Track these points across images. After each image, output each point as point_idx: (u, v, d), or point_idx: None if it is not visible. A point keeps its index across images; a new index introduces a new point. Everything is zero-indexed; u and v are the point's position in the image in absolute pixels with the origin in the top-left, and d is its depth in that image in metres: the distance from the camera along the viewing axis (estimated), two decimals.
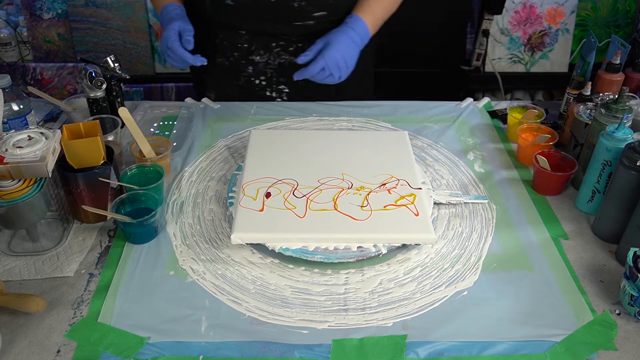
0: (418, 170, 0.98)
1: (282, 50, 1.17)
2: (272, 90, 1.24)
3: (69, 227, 0.88)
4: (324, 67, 1.03)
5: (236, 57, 1.19)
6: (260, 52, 1.17)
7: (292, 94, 1.25)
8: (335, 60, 1.03)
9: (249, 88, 1.23)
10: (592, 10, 1.92)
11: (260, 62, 1.19)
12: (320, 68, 1.03)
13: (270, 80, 1.22)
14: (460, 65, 2.00)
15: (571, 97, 1.10)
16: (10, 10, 2.03)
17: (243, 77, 1.22)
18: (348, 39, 1.05)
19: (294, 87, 1.23)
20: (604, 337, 0.71)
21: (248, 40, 1.16)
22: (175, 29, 1.04)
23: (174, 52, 1.03)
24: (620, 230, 0.83)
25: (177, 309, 0.75)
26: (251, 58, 1.18)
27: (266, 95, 1.25)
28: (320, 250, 0.81)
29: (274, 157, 0.98)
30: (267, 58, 1.18)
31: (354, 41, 1.06)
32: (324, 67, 1.03)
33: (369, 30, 1.08)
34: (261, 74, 1.21)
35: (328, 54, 1.03)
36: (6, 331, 0.70)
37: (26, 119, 1.00)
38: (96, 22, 1.94)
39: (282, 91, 1.24)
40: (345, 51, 1.04)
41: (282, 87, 1.24)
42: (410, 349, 0.69)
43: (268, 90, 1.24)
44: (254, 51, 1.17)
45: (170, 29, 1.04)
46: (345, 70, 1.06)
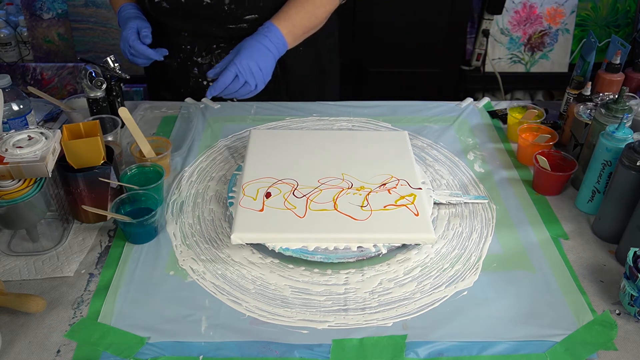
0: (418, 170, 0.98)
1: (223, 52, 1.16)
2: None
3: (69, 227, 0.88)
4: (237, 74, 0.95)
5: (182, 59, 1.19)
6: (202, 53, 1.18)
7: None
8: (248, 66, 0.96)
9: (199, 89, 1.24)
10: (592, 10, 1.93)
11: (203, 63, 1.19)
12: (233, 76, 0.95)
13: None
14: (460, 65, 2.00)
15: (571, 97, 1.10)
16: (10, 10, 2.03)
17: (191, 79, 1.23)
18: (261, 45, 0.99)
19: None
20: (604, 337, 0.71)
21: (190, 42, 1.17)
22: (133, 28, 1.08)
23: (136, 49, 1.06)
24: (620, 230, 0.83)
25: (177, 309, 0.75)
26: (195, 59, 1.19)
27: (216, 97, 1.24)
28: (320, 250, 0.81)
29: (274, 157, 0.98)
30: (209, 60, 1.19)
31: (267, 48, 0.98)
32: (237, 75, 0.95)
33: (285, 39, 1.01)
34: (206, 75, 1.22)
35: (239, 60, 0.96)
36: (6, 331, 0.70)
37: (26, 119, 1.00)
38: (96, 22, 1.94)
39: None
40: (258, 58, 0.97)
41: None
42: (410, 349, 0.69)
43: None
44: (197, 53, 1.18)
45: (128, 28, 1.08)
46: (262, 79, 0.98)
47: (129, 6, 1.13)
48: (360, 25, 1.93)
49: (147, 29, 1.08)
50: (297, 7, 1.02)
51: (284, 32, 1.00)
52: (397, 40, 1.95)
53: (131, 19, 1.10)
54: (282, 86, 1.24)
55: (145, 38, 1.07)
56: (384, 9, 1.89)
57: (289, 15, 1.02)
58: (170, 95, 1.28)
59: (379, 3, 1.88)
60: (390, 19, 1.92)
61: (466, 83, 2.00)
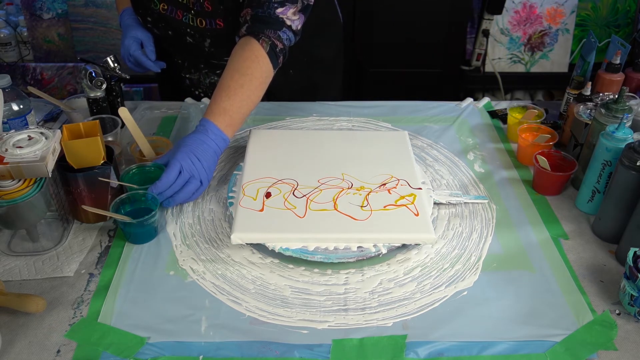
0: (418, 170, 0.98)
1: (210, 72, 1.20)
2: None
3: (69, 227, 0.88)
4: (180, 170, 0.86)
5: (174, 70, 1.22)
6: (191, 70, 1.21)
7: None
8: (191, 161, 0.87)
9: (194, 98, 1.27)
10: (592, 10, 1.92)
11: (193, 78, 1.23)
12: (177, 172, 0.85)
13: (207, 94, 1.25)
14: (460, 65, 2.00)
15: (571, 97, 1.10)
16: (10, 10, 2.03)
17: (185, 88, 1.26)
18: (201, 142, 0.89)
19: None
20: (604, 337, 0.71)
21: (181, 58, 1.20)
22: (135, 38, 1.10)
23: (136, 59, 1.10)
24: (620, 230, 0.83)
25: (177, 309, 0.75)
26: (184, 75, 1.23)
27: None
28: (320, 250, 0.81)
29: (274, 157, 0.98)
30: (197, 77, 1.22)
31: (208, 145, 0.89)
32: (181, 170, 0.86)
33: (224, 134, 0.91)
34: (197, 87, 1.25)
35: (181, 156, 0.86)
36: (6, 331, 0.70)
37: (26, 119, 1.00)
38: (96, 22, 1.94)
39: None
40: (200, 154, 0.88)
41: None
42: (410, 349, 0.69)
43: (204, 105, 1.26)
44: (186, 69, 1.21)
45: (130, 37, 1.10)
46: (205, 176, 0.89)
47: (132, 12, 1.14)
48: (360, 25, 1.93)
49: (151, 43, 1.12)
50: (231, 96, 0.92)
51: (222, 127, 0.91)
52: (397, 40, 1.95)
53: (134, 28, 1.12)
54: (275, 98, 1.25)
55: (151, 54, 1.11)
56: (384, 9, 1.89)
57: (224, 108, 0.92)
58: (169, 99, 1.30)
59: (379, 3, 1.88)
60: (390, 19, 1.91)
61: (466, 83, 2.00)
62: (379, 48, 1.98)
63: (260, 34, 0.95)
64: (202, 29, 1.06)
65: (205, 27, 1.05)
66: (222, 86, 0.93)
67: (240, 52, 0.95)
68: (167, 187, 0.85)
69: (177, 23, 1.07)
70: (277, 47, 0.96)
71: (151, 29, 1.12)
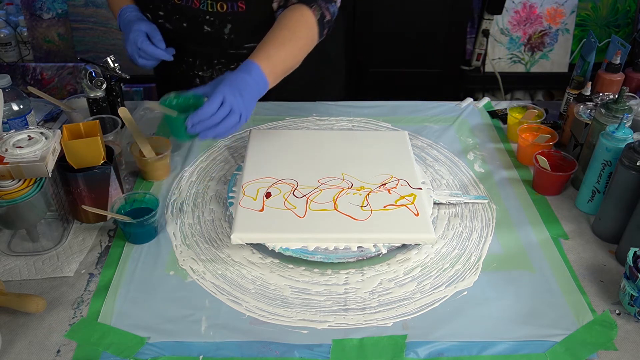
0: (418, 170, 0.98)
1: (223, 67, 1.17)
2: None
3: (69, 227, 0.88)
4: (223, 101, 0.85)
5: (184, 69, 1.20)
6: (203, 67, 1.18)
7: None
8: (233, 94, 0.86)
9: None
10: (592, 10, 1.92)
11: (205, 76, 1.20)
12: (219, 103, 0.85)
13: None
14: (460, 65, 2.00)
15: (571, 97, 1.10)
16: (10, 10, 2.03)
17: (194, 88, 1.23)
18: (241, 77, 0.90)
19: None
20: (604, 337, 0.71)
21: (192, 56, 1.17)
22: (141, 31, 1.05)
23: (145, 51, 1.04)
24: (620, 230, 0.83)
25: (177, 309, 0.75)
26: (196, 72, 1.20)
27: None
28: (320, 250, 0.81)
29: (274, 157, 0.98)
30: (210, 74, 1.19)
31: (248, 81, 0.90)
32: (223, 102, 0.85)
33: (265, 75, 0.92)
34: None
35: (222, 87, 0.86)
36: (6, 331, 0.70)
37: (26, 119, 1.00)
38: (96, 22, 1.94)
39: None
40: (242, 90, 0.88)
41: None
42: (410, 349, 0.69)
43: None
44: (198, 66, 1.18)
45: (134, 31, 1.04)
46: (246, 111, 0.89)
47: (131, 8, 1.11)
48: (361, 25, 1.93)
49: (158, 32, 1.06)
50: (278, 46, 0.95)
51: (266, 72, 0.92)
52: (397, 40, 1.95)
53: (136, 22, 1.07)
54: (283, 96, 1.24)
55: (160, 42, 1.05)
56: (384, 9, 1.89)
57: (269, 55, 0.94)
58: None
59: (379, 3, 1.88)
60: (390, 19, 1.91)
61: (466, 83, 2.00)
62: (379, 48, 1.98)
63: (313, 3, 0.98)
64: (222, 14, 1.05)
65: (226, 11, 1.04)
66: (269, 38, 0.96)
67: (290, 15, 0.98)
68: (208, 117, 0.84)
69: (194, 12, 1.05)
70: (325, 18, 0.99)
71: (163, 24, 1.10)
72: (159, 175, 0.99)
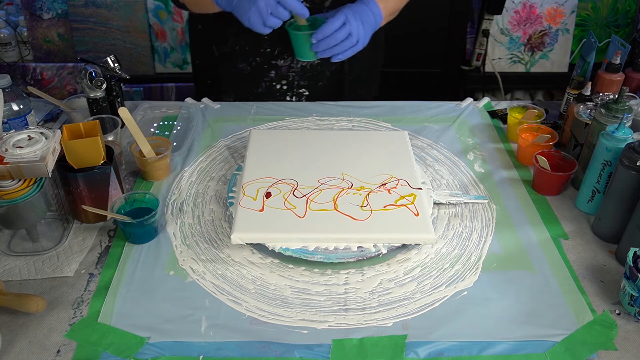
0: (418, 170, 0.98)
1: None
2: (292, 95, 1.24)
3: (69, 227, 0.88)
4: (345, 22, 0.93)
5: (258, 62, 1.18)
6: (284, 55, 1.17)
7: (311, 96, 1.25)
8: (355, 18, 0.94)
9: (269, 94, 1.24)
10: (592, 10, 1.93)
11: (283, 66, 1.18)
12: (340, 23, 0.93)
13: (291, 84, 1.22)
14: (460, 65, 2.00)
15: (571, 97, 1.10)
16: (10, 10, 2.03)
17: (264, 82, 1.22)
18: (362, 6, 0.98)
19: (313, 89, 1.24)
20: (604, 337, 0.71)
21: (271, 45, 1.16)
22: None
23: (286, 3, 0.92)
24: (620, 230, 0.83)
25: (177, 309, 0.75)
26: (274, 62, 1.18)
27: (285, 100, 1.25)
28: (320, 250, 0.81)
29: (274, 157, 0.98)
30: (290, 62, 1.18)
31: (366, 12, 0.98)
32: (345, 22, 0.93)
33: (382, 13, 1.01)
34: (283, 77, 1.21)
35: (345, 9, 0.95)
36: (6, 331, 0.70)
37: (26, 119, 1.00)
38: (96, 22, 1.94)
39: (302, 94, 1.25)
40: (362, 17, 0.96)
41: (302, 90, 1.24)
42: (410, 349, 0.69)
43: (289, 94, 1.24)
44: (277, 55, 1.17)
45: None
46: (363, 38, 0.97)
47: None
48: None
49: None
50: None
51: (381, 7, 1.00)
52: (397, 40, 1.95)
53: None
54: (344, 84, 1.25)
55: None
56: None
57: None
58: (233, 99, 1.27)
59: None
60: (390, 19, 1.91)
61: (466, 83, 2.00)
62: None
63: None
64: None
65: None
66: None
67: None
68: (330, 34, 0.90)
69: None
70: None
71: None
72: (159, 175, 0.99)
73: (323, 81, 1.21)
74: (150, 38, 1.96)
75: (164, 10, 1.93)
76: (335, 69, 1.23)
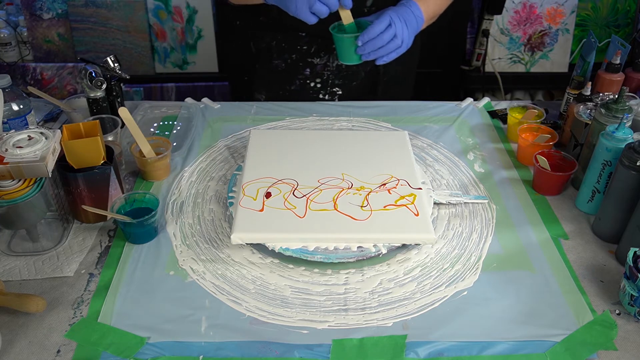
0: (418, 170, 0.98)
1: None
2: (325, 93, 1.25)
3: (69, 227, 0.88)
4: (391, 23, 0.93)
5: (294, 60, 1.19)
6: (320, 54, 1.17)
7: (344, 96, 1.26)
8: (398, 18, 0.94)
9: (303, 91, 1.24)
10: (592, 10, 1.92)
11: (318, 64, 1.19)
12: (387, 24, 0.92)
13: (325, 83, 1.23)
14: (460, 65, 2.00)
15: (571, 97, 1.10)
16: (10, 10, 2.03)
17: (298, 80, 1.23)
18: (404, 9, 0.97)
19: (347, 88, 1.24)
20: (604, 337, 0.71)
21: (308, 42, 1.16)
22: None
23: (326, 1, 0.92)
24: (620, 230, 0.83)
25: (177, 309, 0.75)
26: (310, 60, 1.19)
27: (319, 98, 1.25)
28: (320, 250, 0.81)
29: (274, 157, 0.98)
30: (326, 60, 1.18)
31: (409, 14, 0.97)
32: (391, 24, 0.93)
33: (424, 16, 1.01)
34: (318, 76, 1.22)
35: (390, 11, 0.94)
36: (6, 331, 0.70)
37: (26, 119, 1.00)
38: (96, 22, 1.94)
39: (336, 93, 1.25)
40: (405, 15, 0.96)
41: (336, 89, 1.24)
42: (410, 349, 0.69)
43: (322, 92, 1.25)
44: (314, 53, 1.17)
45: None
46: (407, 40, 0.97)
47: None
48: None
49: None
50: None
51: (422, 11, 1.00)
52: None
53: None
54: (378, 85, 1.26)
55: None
56: None
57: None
58: (265, 96, 1.28)
59: None
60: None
61: (466, 83, 2.00)
62: None
63: None
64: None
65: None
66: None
67: None
68: (376, 36, 0.91)
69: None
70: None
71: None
72: (159, 175, 0.99)
73: (357, 81, 1.22)
74: (150, 38, 1.96)
75: (164, 10, 1.93)
76: (370, 69, 1.23)
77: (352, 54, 0.96)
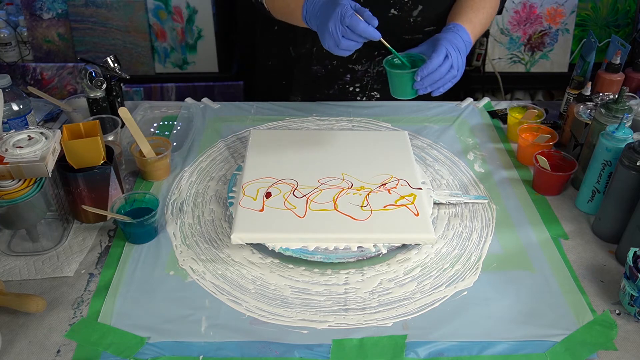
0: (418, 170, 0.98)
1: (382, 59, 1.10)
2: (363, 96, 1.25)
3: (69, 227, 0.88)
4: (447, 54, 0.90)
5: (334, 65, 1.19)
6: (362, 60, 1.17)
7: (381, 98, 1.26)
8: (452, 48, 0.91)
9: (341, 95, 1.24)
10: (592, 10, 1.92)
11: (359, 70, 1.19)
12: (444, 56, 0.89)
13: (364, 87, 1.23)
14: None
15: (571, 97, 1.10)
16: (10, 10, 2.02)
17: (337, 85, 1.22)
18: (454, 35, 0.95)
19: (385, 92, 1.24)
20: (604, 337, 0.71)
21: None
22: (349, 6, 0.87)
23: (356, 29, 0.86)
24: (620, 230, 0.83)
25: (177, 309, 0.75)
26: (351, 67, 1.18)
27: (356, 100, 1.26)
28: (320, 250, 0.81)
29: (274, 157, 0.98)
30: (367, 66, 1.18)
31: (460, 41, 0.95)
32: (447, 55, 0.90)
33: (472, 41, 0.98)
34: (357, 81, 1.22)
35: (444, 42, 0.91)
36: (6, 331, 0.70)
37: (26, 119, 1.00)
38: (96, 22, 1.94)
39: (373, 97, 1.26)
40: (456, 43, 0.93)
41: (374, 93, 1.25)
42: (410, 349, 0.69)
43: (360, 96, 1.25)
44: (355, 60, 1.17)
45: (342, 5, 0.86)
46: (462, 67, 0.94)
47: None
48: None
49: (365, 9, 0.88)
50: (475, 11, 1.01)
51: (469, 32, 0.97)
52: None
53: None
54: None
55: (371, 19, 0.87)
56: None
57: (470, 18, 0.99)
58: (301, 98, 1.28)
59: None
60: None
61: (466, 83, 1.99)
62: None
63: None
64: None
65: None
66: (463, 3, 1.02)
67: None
68: (435, 70, 0.88)
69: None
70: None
71: None
72: (159, 175, 0.99)
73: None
74: (150, 38, 1.96)
75: (164, 10, 1.93)
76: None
77: (409, 89, 0.91)
